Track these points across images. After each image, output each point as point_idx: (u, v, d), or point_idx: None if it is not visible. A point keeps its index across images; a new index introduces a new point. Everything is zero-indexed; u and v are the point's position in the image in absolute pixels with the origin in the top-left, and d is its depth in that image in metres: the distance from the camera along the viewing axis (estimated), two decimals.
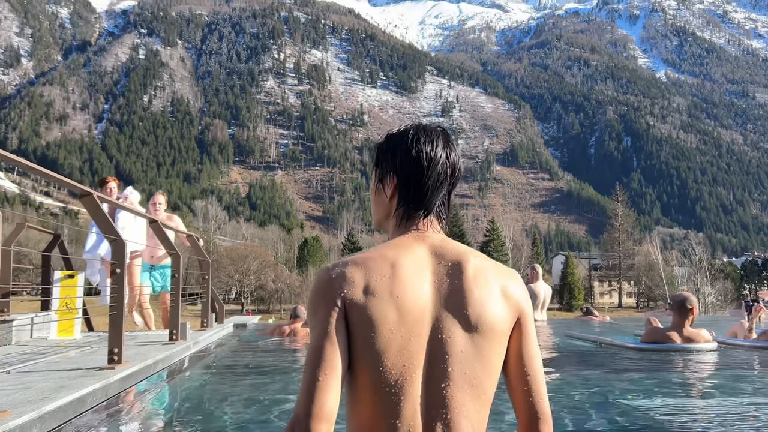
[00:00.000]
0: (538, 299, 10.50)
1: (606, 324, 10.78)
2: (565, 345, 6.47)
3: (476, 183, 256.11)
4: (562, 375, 4.02)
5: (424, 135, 1.36)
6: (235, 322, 9.07)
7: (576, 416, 2.63)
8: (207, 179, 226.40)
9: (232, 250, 73.01)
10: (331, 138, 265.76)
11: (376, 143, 1.29)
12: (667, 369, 4.40)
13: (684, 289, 54.29)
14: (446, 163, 1.34)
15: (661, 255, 61.59)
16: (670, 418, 2.60)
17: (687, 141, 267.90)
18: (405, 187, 1.31)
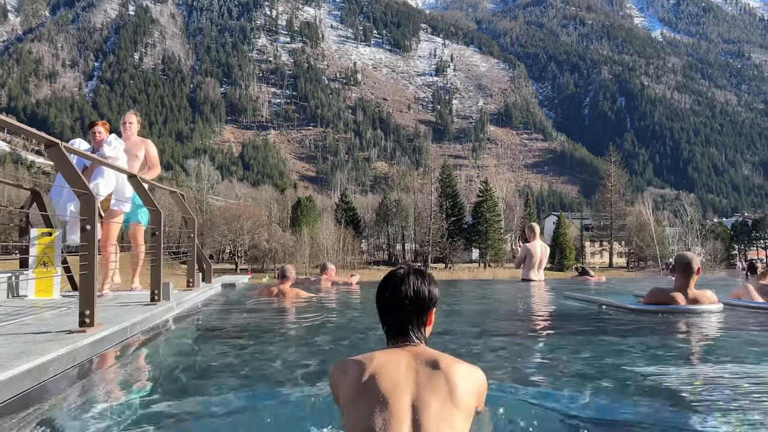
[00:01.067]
0: (535, 258, 10.26)
1: (602, 284, 10.55)
2: (564, 306, 6.29)
3: (470, 143, 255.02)
4: (562, 339, 3.85)
5: (392, 281, 1.90)
6: (223, 282, 8.79)
7: (578, 383, 2.44)
8: (199, 138, 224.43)
9: (226, 210, 72.83)
10: (324, 97, 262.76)
11: None
12: (672, 332, 4.21)
13: (675, 249, 54.88)
14: (412, 300, 1.84)
15: (652, 215, 61.86)
16: (678, 385, 2.45)
17: (681, 102, 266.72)
18: (383, 319, 1.91)
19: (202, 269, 7.74)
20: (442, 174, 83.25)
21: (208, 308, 6.07)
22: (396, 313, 1.87)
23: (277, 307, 6.14)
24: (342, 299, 7.22)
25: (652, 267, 64.18)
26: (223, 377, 2.71)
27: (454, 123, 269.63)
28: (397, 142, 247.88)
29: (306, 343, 3.77)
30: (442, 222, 77.17)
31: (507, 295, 8.45)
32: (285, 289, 6.72)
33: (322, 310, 5.89)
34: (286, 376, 2.69)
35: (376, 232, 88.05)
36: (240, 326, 4.70)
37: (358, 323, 4.90)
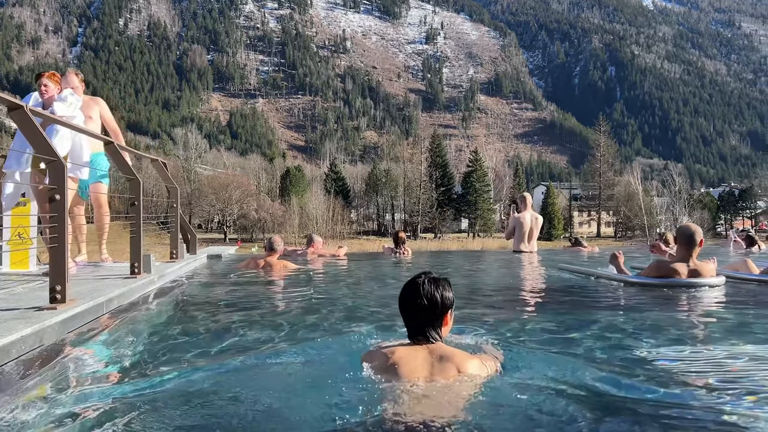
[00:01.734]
0: (525, 228, 9.98)
1: (595, 255, 10.30)
2: (558, 278, 6.02)
3: (460, 113, 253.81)
4: (556, 314, 3.61)
5: (412, 287, 2.21)
6: (209, 253, 8.57)
7: (572, 363, 2.25)
8: (186, 107, 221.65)
9: (214, 179, 72.30)
10: (312, 65, 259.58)
11: None
12: (673, 307, 4.03)
13: (662, 219, 55.30)
14: (427, 306, 2.15)
15: (641, 185, 62.12)
16: (680, 364, 2.29)
17: (671, 71, 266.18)
18: (404, 321, 2.22)
19: (187, 240, 7.51)
20: (432, 144, 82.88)
21: (192, 281, 5.84)
22: (414, 317, 2.16)
23: (263, 280, 5.95)
24: (330, 272, 7.05)
25: (640, 236, 64.63)
26: (206, 354, 2.52)
27: (444, 92, 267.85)
28: (386, 111, 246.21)
29: (292, 317, 3.59)
30: (431, 192, 77.07)
31: (497, 267, 8.19)
32: (272, 261, 6.54)
33: (309, 283, 5.72)
34: (272, 351, 2.54)
35: (365, 202, 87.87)
36: (224, 300, 4.49)
37: (346, 298, 4.71)
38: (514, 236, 10.08)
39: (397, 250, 9.15)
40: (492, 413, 1.84)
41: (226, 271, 6.91)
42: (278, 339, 2.86)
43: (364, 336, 2.78)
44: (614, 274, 5.23)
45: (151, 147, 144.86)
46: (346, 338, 2.86)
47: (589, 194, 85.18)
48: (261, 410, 1.87)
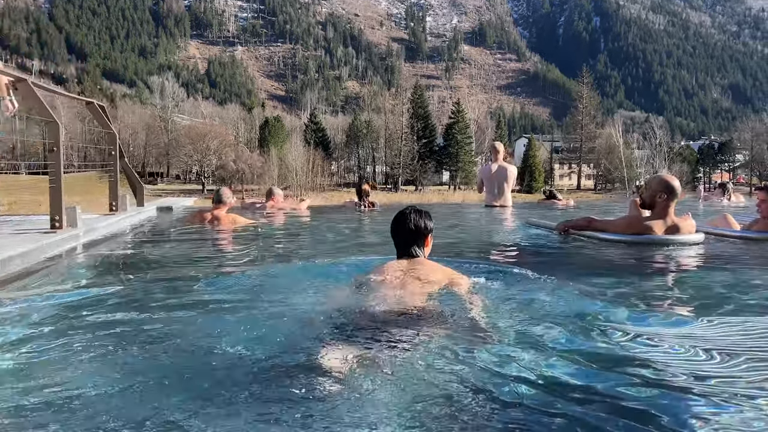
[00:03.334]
0: (492, 181, 9.13)
1: (570, 208, 9.79)
2: (524, 234, 5.54)
3: (443, 63, 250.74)
4: (512, 276, 3.09)
5: (402, 216, 2.79)
6: (159, 205, 8.00)
7: (531, 338, 1.89)
8: (164, 54, 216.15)
9: (191, 129, 70.95)
10: (293, 12, 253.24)
11: None
12: (648, 268, 3.62)
13: (641, 172, 55.44)
14: (411, 229, 2.74)
15: (622, 138, 62.09)
16: (656, 336, 1.96)
17: (655, 23, 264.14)
18: (395, 242, 2.80)
19: (135, 191, 7.08)
20: (414, 95, 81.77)
21: (124, 237, 5.26)
22: (401, 238, 2.77)
23: (207, 235, 5.44)
24: (286, 226, 6.57)
25: (619, 189, 64.98)
26: (116, 333, 2.05)
27: (427, 42, 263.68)
28: (368, 60, 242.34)
29: (226, 282, 3.05)
30: (413, 144, 76.48)
31: (464, 222, 7.61)
32: (220, 215, 6.02)
33: (257, 239, 5.22)
34: (194, 331, 2.08)
35: (346, 153, 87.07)
36: (153, 260, 3.87)
37: (293, 254, 4.18)
38: (485, 190, 9.32)
39: (361, 203, 8.68)
40: (451, 302, 2.38)
41: (169, 225, 6.39)
42: (185, 308, 2.44)
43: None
44: (585, 232, 4.85)
45: (127, 95, 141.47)
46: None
47: (570, 147, 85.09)
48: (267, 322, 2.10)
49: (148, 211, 7.14)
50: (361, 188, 8.86)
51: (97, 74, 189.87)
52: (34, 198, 7.40)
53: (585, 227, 4.82)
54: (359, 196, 8.78)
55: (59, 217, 4.42)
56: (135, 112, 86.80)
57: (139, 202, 7.19)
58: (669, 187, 4.20)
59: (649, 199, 4.33)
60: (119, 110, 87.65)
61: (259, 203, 8.55)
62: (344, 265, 3.34)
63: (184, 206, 8.79)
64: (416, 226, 2.76)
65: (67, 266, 3.74)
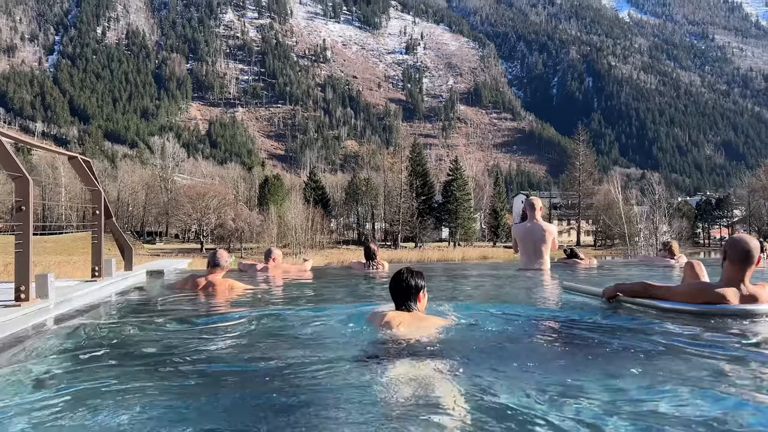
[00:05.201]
0: (527, 242, 8.05)
1: (593, 269, 8.84)
2: (565, 302, 4.76)
3: (440, 123, 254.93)
4: (566, 358, 2.70)
5: (398, 276, 3.28)
6: (149, 269, 7.33)
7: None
8: (165, 115, 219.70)
9: (191, 188, 71.45)
10: (293, 74, 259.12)
11: None
12: (725, 346, 2.89)
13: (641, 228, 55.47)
14: (403, 287, 3.23)
15: (621, 194, 62.49)
16: None
17: (647, 82, 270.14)
18: (392, 298, 3.30)
19: (124, 253, 6.62)
20: (413, 153, 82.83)
21: (106, 308, 4.66)
22: (399, 295, 3.25)
23: (200, 304, 4.88)
24: (287, 292, 5.96)
25: (619, 245, 64.92)
26: None
27: (424, 102, 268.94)
28: (367, 120, 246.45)
29: (221, 365, 2.60)
30: (412, 201, 76.92)
31: (486, 289, 6.65)
32: (215, 280, 5.45)
33: (257, 308, 4.55)
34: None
35: (345, 211, 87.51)
36: (128, 341, 3.25)
37: (299, 329, 3.55)
38: (520, 252, 8.31)
39: (371, 263, 8.11)
40: (449, 339, 2.99)
41: (158, 293, 5.76)
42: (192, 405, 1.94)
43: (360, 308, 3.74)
44: (637, 299, 4.13)
45: (128, 156, 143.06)
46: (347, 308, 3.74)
47: (569, 203, 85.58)
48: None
49: (136, 276, 6.55)
50: (369, 248, 8.30)
51: (99, 135, 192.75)
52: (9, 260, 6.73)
53: (640, 293, 4.11)
54: (367, 256, 8.24)
55: (25, 288, 3.90)
56: (135, 172, 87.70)
57: (127, 266, 6.64)
58: (743, 250, 3.59)
59: (722, 263, 3.72)
60: (120, 170, 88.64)
61: (258, 265, 7.99)
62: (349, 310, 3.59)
63: (176, 269, 8.15)
64: (408, 285, 3.22)
65: (25, 351, 3.07)
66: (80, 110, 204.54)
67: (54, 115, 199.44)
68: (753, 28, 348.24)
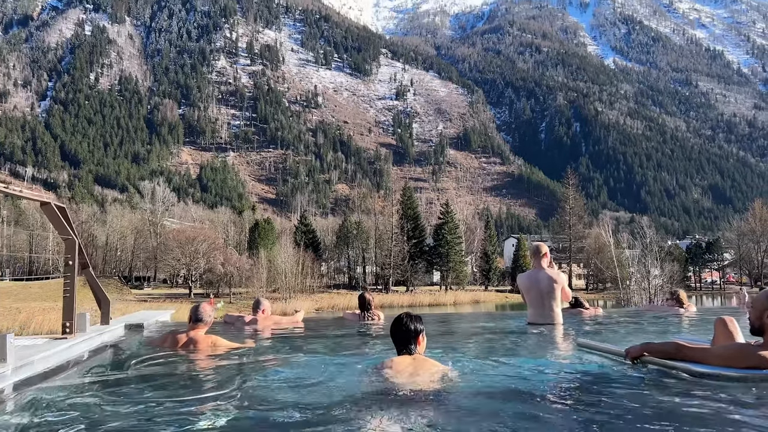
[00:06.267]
0: (532, 292, 7.25)
1: (599, 318, 8.29)
2: (578, 360, 4.21)
3: (430, 167, 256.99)
4: (574, 420, 2.39)
5: (398, 321, 3.53)
6: (128, 323, 6.80)
7: None
8: (156, 160, 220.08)
9: (180, 233, 70.79)
10: (284, 119, 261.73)
11: None
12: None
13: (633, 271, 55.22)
14: (403, 331, 3.47)
15: (612, 238, 62.62)
16: None
17: (633, 127, 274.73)
18: (393, 342, 3.54)
19: (100, 306, 6.17)
20: (403, 196, 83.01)
21: (71, 373, 4.11)
22: (399, 339, 3.51)
23: (179, 365, 4.41)
24: (278, 349, 5.40)
25: (612, 289, 64.52)
26: None
27: (414, 146, 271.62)
28: (357, 164, 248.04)
29: None
30: (403, 244, 76.67)
31: (490, 348, 5.70)
32: (197, 336, 5.02)
33: (244, 369, 4.06)
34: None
35: (336, 254, 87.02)
36: (96, 413, 2.78)
37: (291, 392, 3.25)
38: (527, 304, 7.49)
39: (365, 314, 7.67)
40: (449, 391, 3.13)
41: (135, 352, 5.22)
42: None
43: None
44: (667, 361, 3.58)
45: (117, 200, 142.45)
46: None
47: (560, 246, 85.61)
48: None
49: (112, 331, 6.03)
50: (365, 298, 7.89)
51: (90, 180, 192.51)
52: None
53: (671, 355, 3.58)
54: (362, 307, 7.83)
55: None
56: (125, 217, 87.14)
57: (103, 320, 6.17)
58: None
59: (757, 321, 3.28)
60: (109, 215, 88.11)
61: (246, 317, 7.47)
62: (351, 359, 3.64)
63: (158, 322, 7.59)
64: (408, 329, 3.47)
65: None
66: (71, 155, 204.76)
67: (44, 159, 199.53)
68: (735, 75, 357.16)
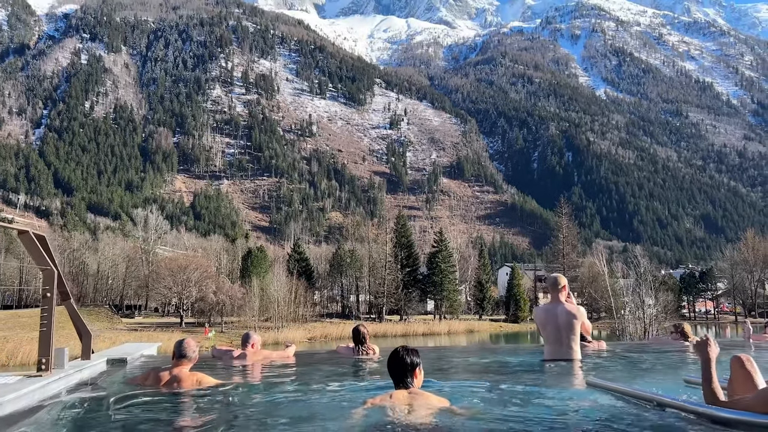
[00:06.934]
0: (549, 327, 6.81)
1: (602, 352, 7.93)
2: (594, 404, 3.85)
3: (423, 195, 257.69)
4: None
5: (395, 355, 3.62)
6: (110, 357, 6.38)
7: None
8: (150, 188, 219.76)
9: (172, 261, 70.22)
10: (279, 148, 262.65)
11: None
12: None
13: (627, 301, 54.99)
14: (401, 364, 3.57)
15: (606, 267, 62.58)
16: None
17: (625, 157, 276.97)
18: (390, 375, 3.63)
19: (81, 339, 5.84)
20: (397, 224, 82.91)
21: (42, 416, 3.75)
22: (396, 372, 3.60)
23: (161, 405, 4.13)
24: (267, 384, 5.15)
25: (607, 318, 64.29)
26: None
27: (407, 175, 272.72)
28: (351, 192, 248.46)
29: None
30: (397, 272, 76.34)
31: (505, 393, 4.85)
32: (181, 374, 4.75)
33: (231, 409, 3.86)
34: None
35: (329, 283, 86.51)
36: None
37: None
38: (543, 339, 7.10)
39: (360, 348, 7.40)
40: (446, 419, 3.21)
41: (115, 390, 4.83)
42: None
43: None
44: (694, 405, 3.19)
45: (110, 228, 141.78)
46: None
47: None
48: None
49: (93, 367, 5.69)
50: (359, 331, 7.62)
51: (82, 208, 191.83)
52: None
53: (709, 398, 3.20)
54: (356, 340, 7.55)
55: None
56: (117, 244, 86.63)
57: (84, 354, 5.83)
58: None
59: None
60: (101, 243, 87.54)
61: (235, 351, 7.16)
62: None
63: (143, 355, 7.21)
64: (405, 362, 3.57)
65: None
66: (64, 182, 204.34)
67: (37, 187, 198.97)
68: (724, 106, 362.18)
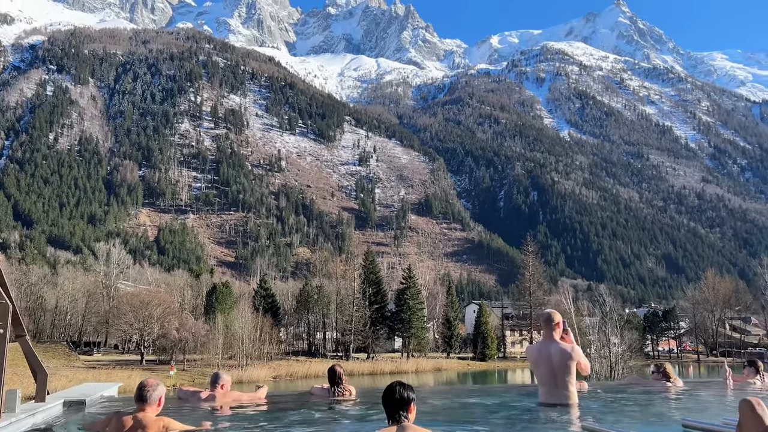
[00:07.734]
0: (542, 367, 6.31)
1: (585, 393, 7.38)
2: None
3: (392, 231, 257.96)
4: None
5: (390, 390, 3.67)
6: (67, 399, 5.99)
7: None
8: (113, 221, 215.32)
9: (134, 296, 68.44)
10: (247, 182, 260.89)
11: None
12: None
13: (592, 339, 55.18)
14: (396, 399, 3.61)
15: (572, 305, 63.04)
16: None
17: (589, 197, 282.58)
18: (385, 410, 3.69)
19: (36, 379, 5.47)
20: (366, 260, 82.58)
21: None
22: (391, 407, 3.61)
23: None
24: (238, 428, 4.99)
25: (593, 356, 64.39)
26: None
27: (376, 211, 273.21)
28: (320, 228, 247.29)
29: None
30: (364, 309, 75.67)
31: None
32: (146, 419, 4.49)
33: None
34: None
35: (296, 320, 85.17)
36: None
37: None
38: (537, 380, 6.68)
39: (336, 389, 7.13)
40: None
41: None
42: None
43: None
44: None
45: (70, 262, 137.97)
46: None
47: (521, 313, 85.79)
48: None
49: (49, 410, 5.33)
50: (335, 372, 7.37)
51: (42, 241, 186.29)
52: None
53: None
54: (332, 381, 7.28)
55: None
56: (77, 279, 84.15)
57: (39, 396, 5.48)
58: None
59: None
60: (60, 277, 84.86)
61: (203, 393, 6.81)
62: None
63: (103, 397, 6.79)
64: (401, 397, 3.60)
65: None
66: (24, 215, 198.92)
67: None
68: (683, 149, 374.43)
